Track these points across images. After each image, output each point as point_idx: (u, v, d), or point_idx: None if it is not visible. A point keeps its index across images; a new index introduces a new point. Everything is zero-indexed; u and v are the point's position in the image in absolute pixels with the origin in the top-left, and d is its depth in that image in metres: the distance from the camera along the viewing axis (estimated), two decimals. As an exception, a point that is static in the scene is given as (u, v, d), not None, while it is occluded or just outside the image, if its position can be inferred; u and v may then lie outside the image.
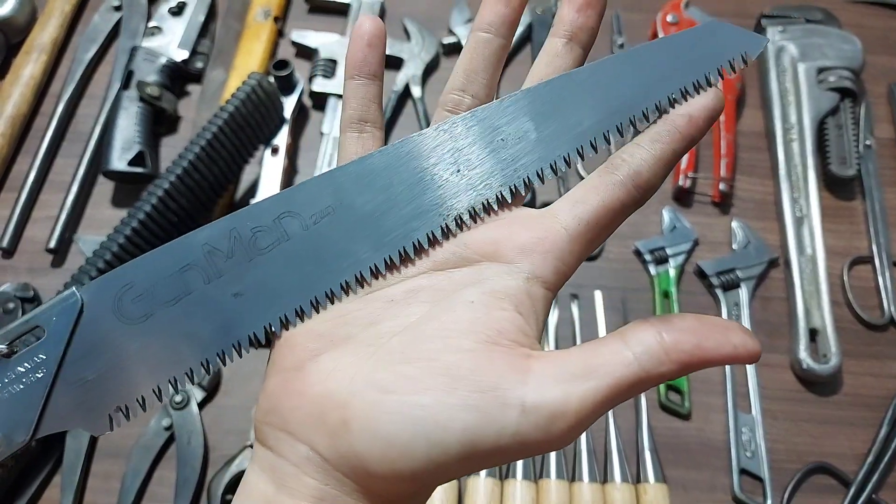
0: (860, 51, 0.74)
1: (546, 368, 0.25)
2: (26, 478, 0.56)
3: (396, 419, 0.24)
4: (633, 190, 0.28)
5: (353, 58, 0.31)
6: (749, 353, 0.24)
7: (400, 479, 0.25)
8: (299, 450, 0.26)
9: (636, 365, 0.24)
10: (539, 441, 0.24)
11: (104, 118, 0.71)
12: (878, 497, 0.58)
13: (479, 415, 0.24)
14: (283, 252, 0.28)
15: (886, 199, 0.72)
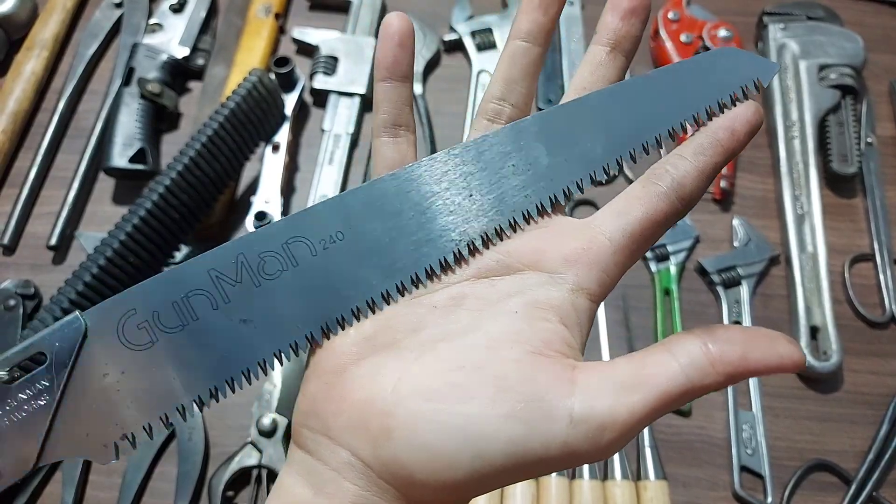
0: (861, 48, 0.74)
1: (592, 380, 0.25)
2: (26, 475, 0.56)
3: (441, 429, 0.24)
4: (677, 202, 0.28)
5: (384, 59, 0.30)
6: (794, 363, 0.24)
7: (443, 488, 0.25)
8: (340, 455, 0.26)
9: (683, 377, 0.24)
10: (587, 452, 0.24)
11: (105, 115, 0.71)
12: (879, 494, 0.58)
13: (525, 426, 0.24)
14: (293, 278, 0.28)
15: (887, 197, 0.72)
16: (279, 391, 0.58)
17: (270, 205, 0.66)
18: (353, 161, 0.72)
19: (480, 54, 0.77)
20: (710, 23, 0.77)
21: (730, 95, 0.29)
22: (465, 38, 0.78)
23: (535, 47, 0.30)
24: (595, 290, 0.27)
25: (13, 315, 0.60)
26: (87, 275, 0.54)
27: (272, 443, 0.56)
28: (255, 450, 0.56)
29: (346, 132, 0.72)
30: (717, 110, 0.29)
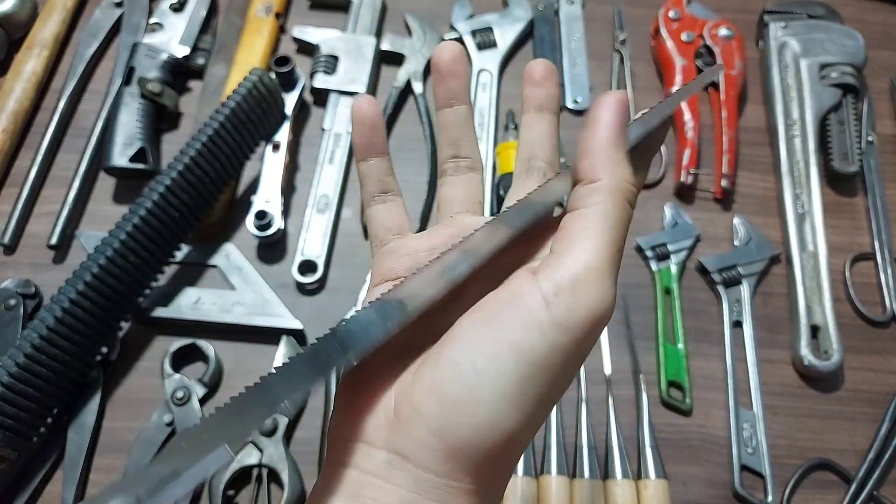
0: (862, 46, 0.74)
1: (545, 265, 0.26)
2: (29, 472, 0.56)
3: (453, 375, 0.25)
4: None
5: (360, 142, 0.35)
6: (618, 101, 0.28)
7: (486, 439, 0.24)
8: (378, 457, 0.26)
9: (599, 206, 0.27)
10: (578, 317, 0.25)
11: (106, 114, 0.71)
12: (880, 493, 0.58)
13: (515, 328, 0.25)
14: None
15: (888, 196, 0.72)
16: (280, 390, 0.58)
17: (271, 204, 0.66)
18: (353, 160, 0.72)
19: (480, 53, 0.77)
20: (710, 21, 0.77)
21: None
22: (466, 36, 0.78)
23: (461, 105, 0.35)
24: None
25: (14, 314, 0.60)
26: (87, 274, 0.54)
27: (272, 442, 0.57)
28: (256, 449, 0.56)
29: (347, 131, 0.72)
30: None
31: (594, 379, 0.61)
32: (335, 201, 0.68)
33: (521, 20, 0.79)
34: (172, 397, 0.58)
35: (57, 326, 0.53)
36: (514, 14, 0.79)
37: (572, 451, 0.58)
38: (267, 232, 0.65)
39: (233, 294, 0.64)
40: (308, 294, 0.66)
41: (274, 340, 0.61)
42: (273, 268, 0.66)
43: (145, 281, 0.60)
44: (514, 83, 0.77)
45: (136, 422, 0.58)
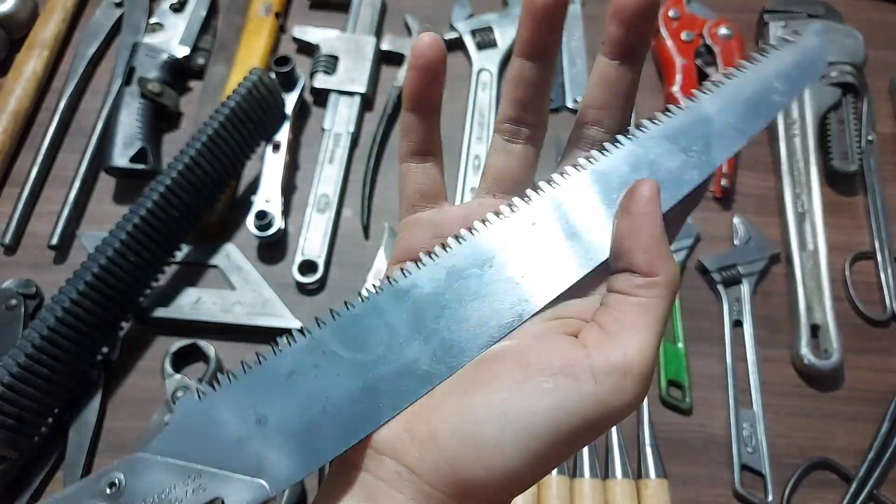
0: (862, 45, 0.74)
1: (596, 339, 0.26)
2: (29, 472, 0.56)
3: (481, 417, 0.25)
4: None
5: (412, 88, 0.29)
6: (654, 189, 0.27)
7: (496, 481, 0.25)
8: (387, 464, 0.26)
9: (648, 300, 0.26)
10: (619, 403, 0.25)
11: (106, 114, 0.71)
12: (880, 493, 0.58)
13: (556, 394, 0.25)
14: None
15: (888, 195, 0.71)
16: (280, 390, 0.58)
17: (271, 204, 0.66)
18: (353, 160, 0.72)
19: (480, 53, 0.77)
20: (710, 21, 0.77)
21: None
22: (466, 36, 0.78)
23: (541, 64, 0.29)
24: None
25: (15, 314, 0.60)
26: (88, 274, 0.54)
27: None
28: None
29: (347, 131, 0.72)
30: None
31: (594, 378, 0.61)
32: (335, 201, 0.68)
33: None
34: (173, 397, 0.58)
35: (58, 326, 0.53)
36: (514, 13, 0.79)
37: (572, 450, 0.58)
38: (267, 232, 0.65)
39: (233, 294, 0.64)
40: (308, 294, 0.66)
41: (274, 341, 0.61)
42: (273, 268, 0.66)
43: (146, 281, 0.60)
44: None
45: (137, 421, 0.59)
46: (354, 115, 0.72)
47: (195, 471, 0.26)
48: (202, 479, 0.26)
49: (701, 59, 0.76)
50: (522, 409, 0.25)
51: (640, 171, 0.29)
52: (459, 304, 0.28)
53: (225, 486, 0.26)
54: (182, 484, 0.26)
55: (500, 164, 0.31)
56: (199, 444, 0.26)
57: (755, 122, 0.29)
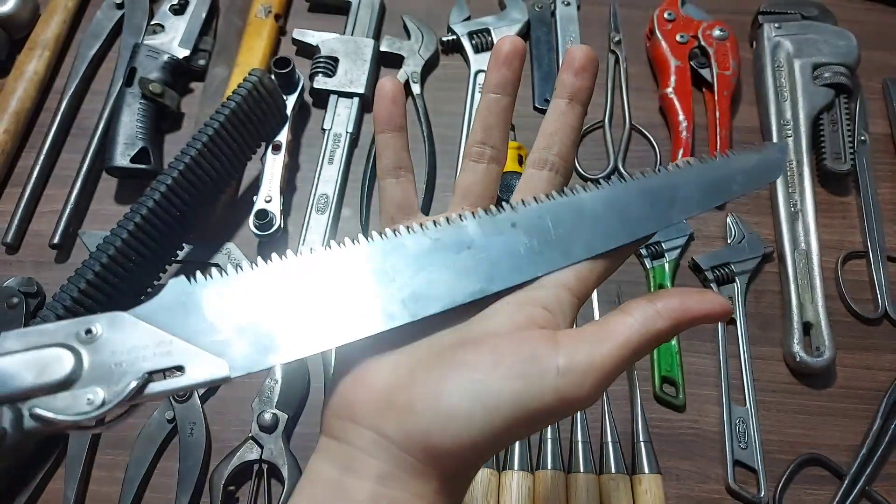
0: (855, 46, 0.75)
1: (570, 339, 0.30)
2: (30, 469, 0.57)
3: (455, 394, 0.28)
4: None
5: (381, 114, 0.37)
6: (723, 308, 0.30)
7: (462, 449, 0.28)
8: (366, 435, 0.29)
9: (638, 325, 0.30)
10: (576, 397, 0.28)
11: (107, 115, 0.72)
12: (872, 489, 0.59)
13: (524, 380, 0.28)
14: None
15: (880, 194, 0.72)
16: (280, 387, 0.59)
17: (271, 203, 0.66)
18: (352, 160, 0.73)
19: (478, 55, 0.78)
20: (705, 22, 0.77)
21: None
22: (463, 38, 0.78)
23: (504, 97, 0.36)
24: (573, 283, 0.33)
25: (16, 313, 0.61)
26: (89, 273, 0.55)
27: (273, 438, 0.57)
28: (256, 445, 0.57)
29: (346, 131, 0.72)
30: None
31: (589, 375, 0.62)
32: (335, 201, 0.69)
33: (517, 22, 0.80)
34: (174, 395, 0.59)
35: (60, 324, 0.54)
36: (511, 16, 0.80)
37: (567, 446, 0.59)
38: (267, 231, 0.65)
39: (233, 292, 0.64)
40: (307, 292, 0.66)
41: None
42: (273, 266, 0.67)
43: (147, 280, 0.60)
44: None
45: (138, 418, 0.59)
46: (353, 116, 0.73)
47: (167, 339, 0.29)
48: (171, 346, 0.28)
49: (695, 60, 0.76)
50: (492, 390, 0.28)
51: (612, 209, 0.34)
52: (435, 268, 0.32)
53: (189, 357, 0.28)
54: (152, 347, 0.28)
55: (467, 181, 0.37)
56: (177, 319, 0.29)
57: (712, 200, 0.35)
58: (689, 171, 0.35)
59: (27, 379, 0.27)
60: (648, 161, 0.74)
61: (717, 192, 0.35)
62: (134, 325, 0.29)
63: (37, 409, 0.26)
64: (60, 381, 0.27)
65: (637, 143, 0.75)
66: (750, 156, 0.36)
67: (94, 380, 0.27)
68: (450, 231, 0.33)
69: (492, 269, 0.32)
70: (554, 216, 0.33)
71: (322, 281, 0.31)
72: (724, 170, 0.35)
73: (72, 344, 0.28)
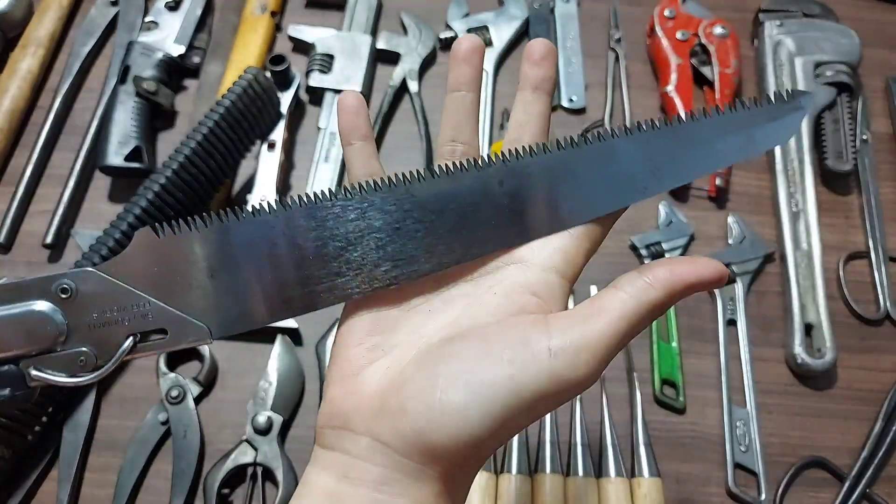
0: (857, 45, 0.74)
1: (561, 320, 0.29)
2: (23, 471, 0.56)
3: (446, 388, 0.28)
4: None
5: (346, 126, 0.36)
6: (717, 271, 0.30)
7: (460, 445, 0.28)
8: (361, 442, 0.29)
9: (630, 299, 0.29)
10: (573, 378, 0.28)
11: (101, 113, 0.71)
12: (873, 492, 0.58)
13: (516, 365, 0.28)
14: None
15: (883, 194, 0.72)
16: (274, 389, 0.59)
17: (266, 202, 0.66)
18: (348, 159, 0.72)
19: (476, 52, 0.77)
20: (706, 20, 0.77)
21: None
22: (461, 35, 0.78)
23: (469, 93, 0.36)
24: (562, 266, 0.32)
25: (9, 313, 0.60)
26: (82, 273, 0.54)
27: (267, 440, 0.57)
28: (251, 447, 0.56)
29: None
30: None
31: (588, 377, 0.61)
32: (330, 200, 0.68)
33: (516, 19, 0.79)
34: (167, 396, 0.58)
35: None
36: (510, 13, 0.79)
37: (566, 449, 0.58)
38: (262, 230, 0.65)
39: (228, 292, 0.64)
40: (303, 292, 0.66)
41: (269, 339, 0.61)
42: (268, 266, 0.66)
43: (140, 279, 0.60)
44: (510, 82, 0.77)
45: (132, 420, 0.59)
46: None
47: (145, 300, 0.29)
48: (151, 308, 0.29)
49: (696, 58, 0.76)
50: (484, 379, 0.28)
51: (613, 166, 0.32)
52: (418, 232, 0.31)
53: (171, 321, 0.29)
54: (131, 308, 0.28)
55: None
56: (152, 277, 0.29)
57: (733, 156, 0.32)
58: (699, 124, 0.32)
59: (19, 341, 0.28)
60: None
61: (742, 147, 0.31)
62: (106, 283, 0.29)
63: (36, 372, 0.28)
64: (50, 342, 0.28)
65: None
66: (774, 108, 0.32)
67: (80, 340, 0.28)
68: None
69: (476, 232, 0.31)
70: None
71: (300, 235, 0.30)
72: (746, 123, 0.32)
73: (52, 303, 0.28)
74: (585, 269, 0.33)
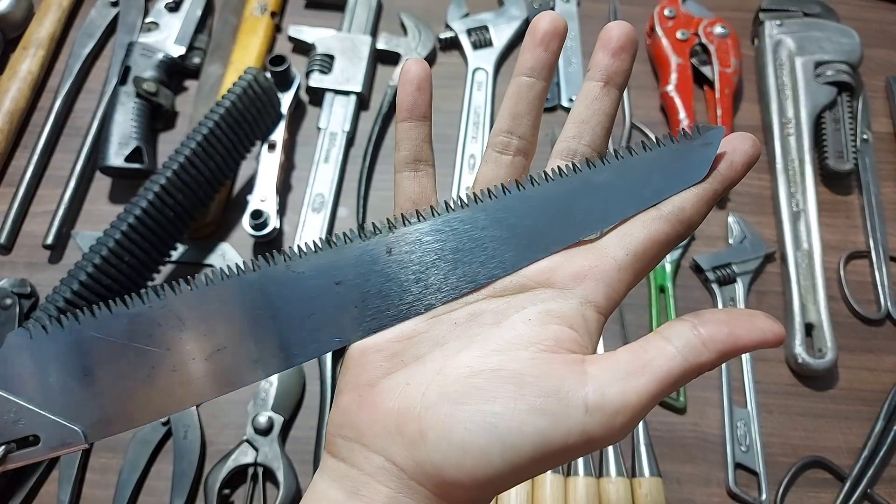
0: (858, 44, 0.74)
1: (601, 370, 0.27)
2: (24, 472, 0.56)
3: (471, 427, 0.26)
4: (678, 224, 0.30)
5: (405, 101, 0.33)
6: (776, 336, 0.27)
7: (476, 484, 0.26)
8: (374, 460, 0.28)
9: (680, 358, 0.26)
10: (603, 437, 0.26)
11: (101, 114, 0.71)
12: (874, 491, 0.58)
13: (547, 418, 0.26)
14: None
15: (883, 194, 0.72)
16: (275, 389, 0.59)
17: (266, 203, 0.66)
18: (348, 159, 0.72)
19: (476, 52, 0.77)
20: (706, 19, 0.77)
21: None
22: (461, 35, 0.78)
23: (538, 82, 0.33)
24: (602, 303, 0.30)
25: (9, 314, 0.60)
26: (82, 274, 0.54)
27: (268, 441, 0.57)
28: (251, 448, 0.56)
29: (342, 130, 0.72)
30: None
31: (589, 377, 0.61)
32: (331, 200, 0.68)
33: (516, 19, 0.79)
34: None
35: (52, 326, 0.53)
36: (510, 13, 0.79)
37: (567, 449, 0.58)
38: (263, 231, 0.65)
39: (228, 293, 0.64)
40: (303, 293, 0.65)
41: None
42: (268, 267, 0.66)
43: (141, 281, 0.60)
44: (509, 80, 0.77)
45: (132, 421, 0.59)
46: (350, 115, 0.72)
47: (16, 405, 0.27)
48: (22, 413, 0.27)
49: (696, 58, 0.76)
50: (512, 426, 0.26)
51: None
52: (442, 260, 0.30)
53: (43, 425, 0.27)
54: (2, 413, 0.27)
55: (489, 174, 0.34)
56: (25, 379, 0.28)
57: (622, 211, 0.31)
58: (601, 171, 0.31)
59: None
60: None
61: (635, 198, 0.30)
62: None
63: None
64: None
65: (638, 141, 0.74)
66: (675, 148, 0.31)
67: None
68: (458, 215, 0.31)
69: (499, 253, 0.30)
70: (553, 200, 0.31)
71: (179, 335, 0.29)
72: (640, 171, 0.30)
73: None
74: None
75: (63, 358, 0.28)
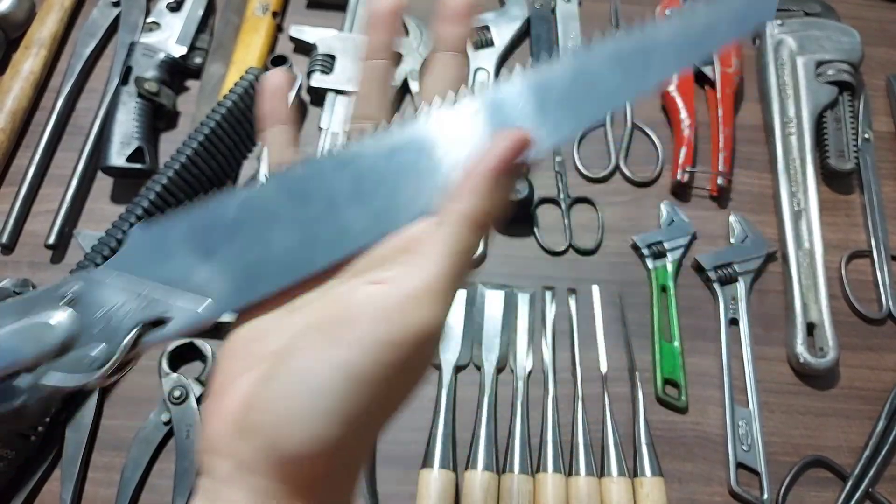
0: (859, 43, 0.74)
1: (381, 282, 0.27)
2: (27, 470, 0.56)
3: (287, 392, 0.26)
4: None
5: (262, 109, 0.34)
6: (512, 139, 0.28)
7: (313, 449, 0.25)
8: (225, 466, 0.26)
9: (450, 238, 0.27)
10: (409, 334, 0.26)
11: (103, 113, 0.71)
12: (875, 491, 0.58)
13: (346, 346, 0.25)
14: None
15: (884, 193, 0.72)
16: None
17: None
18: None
19: (477, 52, 0.77)
20: (707, 19, 0.76)
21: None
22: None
23: (382, 61, 0.35)
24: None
25: (12, 313, 0.60)
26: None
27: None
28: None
29: (343, 130, 0.72)
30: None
31: (590, 376, 0.62)
32: (332, 200, 0.68)
33: (517, 19, 0.79)
34: (170, 396, 0.58)
35: (54, 325, 0.53)
36: (511, 13, 0.79)
37: (568, 448, 0.58)
38: (264, 231, 0.65)
39: (230, 293, 0.64)
40: (305, 292, 0.66)
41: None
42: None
43: (143, 280, 0.60)
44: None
45: (134, 420, 0.59)
46: (351, 115, 0.72)
47: (146, 286, 0.29)
48: (152, 294, 0.28)
49: (697, 57, 0.76)
50: (318, 374, 0.25)
51: (579, 82, 0.31)
52: (396, 177, 0.30)
53: (173, 301, 0.28)
54: (133, 299, 0.28)
55: None
56: (151, 267, 0.29)
57: (693, 53, 0.32)
58: (665, 25, 0.31)
59: (28, 349, 0.28)
60: (651, 161, 0.73)
61: (698, 43, 0.31)
62: (110, 279, 0.29)
63: (45, 381, 0.28)
64: (59, 346, 0.28)
65: (639, 141, 0.75)
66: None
67: (89, 339, 0.28)
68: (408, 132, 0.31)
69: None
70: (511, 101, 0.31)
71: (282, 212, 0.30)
72: (705, 17, 0.32)
73: (59, 308, 0.28)
74: (587, 269, 0.32)
75: (184, 243, 0.29)
